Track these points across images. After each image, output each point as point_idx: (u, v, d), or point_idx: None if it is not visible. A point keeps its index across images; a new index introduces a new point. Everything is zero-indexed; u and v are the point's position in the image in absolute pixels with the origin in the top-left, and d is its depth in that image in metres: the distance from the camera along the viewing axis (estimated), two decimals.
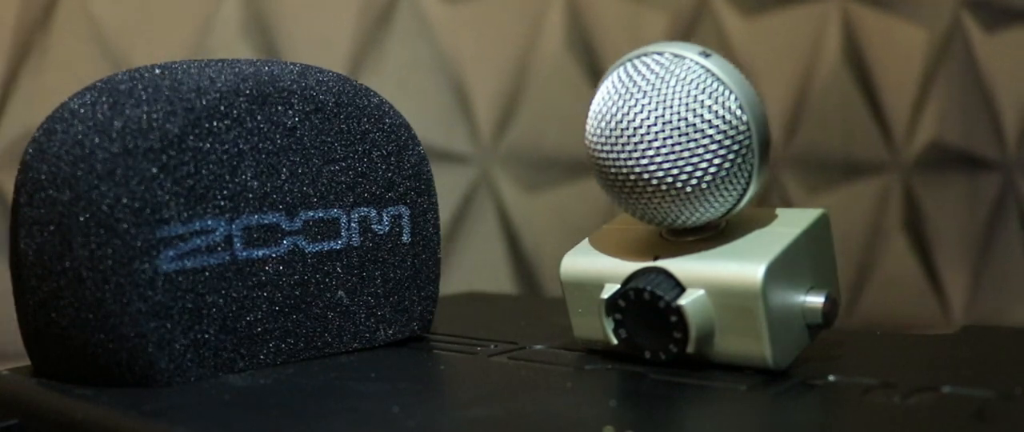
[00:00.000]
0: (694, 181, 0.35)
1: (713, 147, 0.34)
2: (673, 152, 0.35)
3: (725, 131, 0.35)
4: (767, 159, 0.36)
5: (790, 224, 0.37)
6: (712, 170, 0.35)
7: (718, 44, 0.82)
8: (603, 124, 0.36)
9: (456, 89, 0.70)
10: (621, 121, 0.36)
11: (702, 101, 0.35)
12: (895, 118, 0.93)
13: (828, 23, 0.89)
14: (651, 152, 0.35)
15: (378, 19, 0.68)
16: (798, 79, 0.88)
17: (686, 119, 0.34)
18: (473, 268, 0.73)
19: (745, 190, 0.36)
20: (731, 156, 0.35)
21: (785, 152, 0.87)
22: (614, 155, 0.36)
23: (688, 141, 0.34)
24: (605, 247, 0.40)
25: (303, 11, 0.68)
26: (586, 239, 0.42)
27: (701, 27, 0.82)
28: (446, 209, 0.68)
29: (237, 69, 0.39)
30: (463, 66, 0.70)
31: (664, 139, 0.35)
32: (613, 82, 0.37)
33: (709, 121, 0.34)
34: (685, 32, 0.80)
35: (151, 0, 0.68)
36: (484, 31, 0.71)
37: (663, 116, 0.35)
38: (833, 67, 0.90)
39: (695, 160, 0.34)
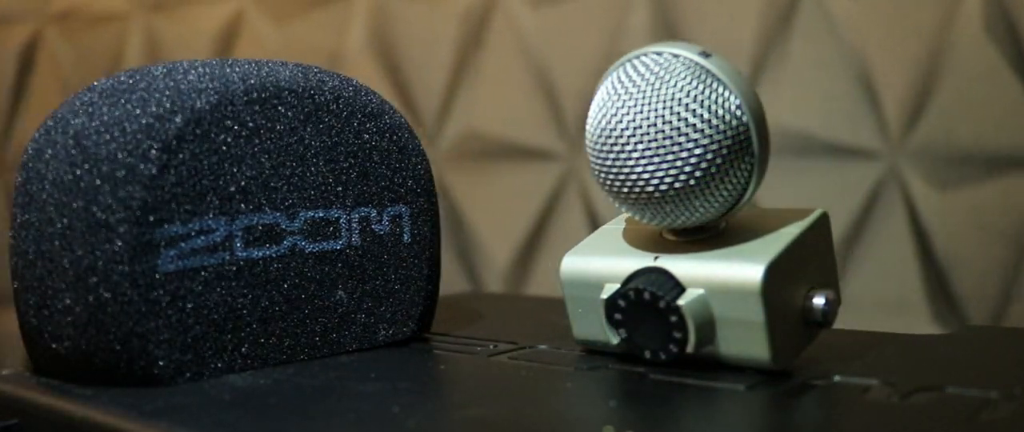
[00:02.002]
0: (692, 181, 0.35)
1: (710, 145, 0.34)
2: (668, 152, 0.34)
3: (722, 129, 0.35)
4: (767, 158, 0.36)
5: (790, 224, 0.37)
6: (711, 170, 0.35)
7: None
8: (599, 128, 0.36)
9: (862, 83, 0.66)
10: (616, 126, 0.35)
11: (700, 100, 0.34)
12: None
13: None
14: (648, 152, 0.35)
15: (781, 18, 0.67)
16: None
17: (680, 118, 0.34)
18: (878, 270, 0.67)
19: (744, 189, 0.36)
20: (727, 153, 0.35)
21: None
22: (610, 159, 0.36)
23: (683, 140, 0.34)
24: (605, 247, 0.40)
25: (708, 13, 0.68)
26: (586, 239, 0.42)
27: None
28: (850, 207, 0.65)
29: (238, 69, 0.39)
30: (870, 59, 0.66)
31: (662, 139, 0.34)
32: (612, 83, 0.37)
33: (707, 120, 0.34)
34: None
35: (569, 12, 0.72)
36: (893, 22, 0.67)
37: (653, 117, 0.35)
38: None
39: (692, 159, 0.34)
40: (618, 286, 0.37)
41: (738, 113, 0.35)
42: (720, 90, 0.35)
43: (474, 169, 0.76)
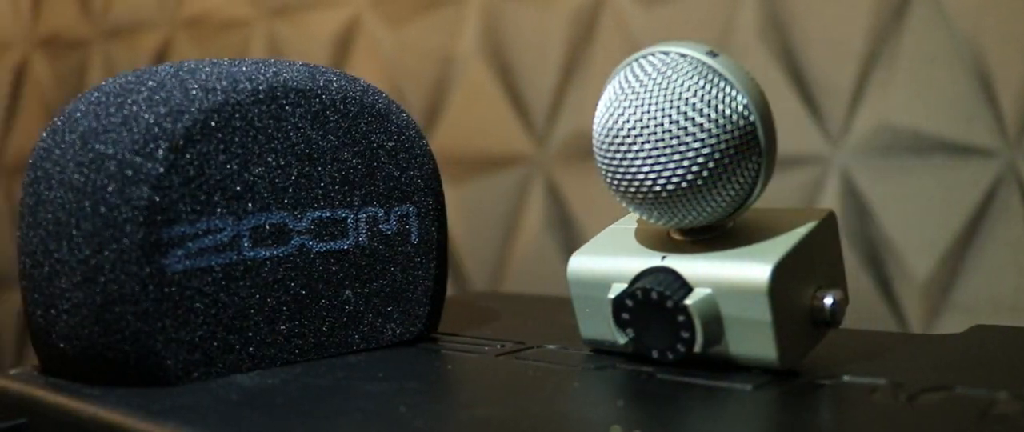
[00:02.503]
0: (699, 180, 0.34)
1: (717, 144, 0.34)
2: (674, 151, 0.34)
3: (729, 129, 0.34)
4: (774, 157, 0.36)
5: (798, 224, 0.37)
6: (718, 169, 0.34)
7: None
8: (605, 128, 0.36)
9: (978, 78, 0.63)
10: (623, 125, 0.35)
11: (707, 100, 0.34)
12: None
13: None
14: (655, 152, 0.35)
15: (893, 12, 0.65)
16: None
17: (687, 117, 0.34)
18: (993, 271, 0.64)
19: (751, 189, 0.36)
20: (734, 153, 0.35)
21: None
22: (617, 159, 0.36)
23: (690, 140, 0.34)
24: (613, 246, 0.40)
25: (817, 9, 0.67)
26: (594, 239, 0.42)
27: None
28: (965, 207, 0.63)
29: (245, 69, 0.39)
30: (986, 53, 0.63)
31: (669, 139, 0.34)
32: (619, 82, 0.37)
33: (714, 120, 0.34)
34: None
35: (677, 10, 0.71)
36: (1010, 13, 0.63)
37: (660, 117, 0.35)
38: None
39: (699, 158, 0.34)
40: (625, 286, 0.37)
41: (745, 112, 0.35)
42: (727, 89, 0.35)
43: (584, 169, 0.77)
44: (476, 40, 0.82)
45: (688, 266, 0.36)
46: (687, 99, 0.34)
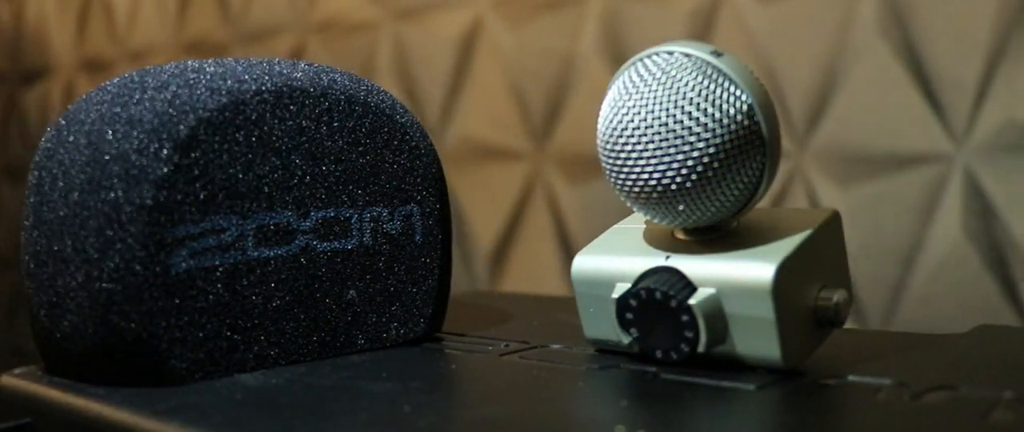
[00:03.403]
0: (703, 180, 0.34)
1: (721, 143, 0.34)
2: (678, 150, 0.34)
3: (732, 128, 0.34)
4: (779, 157, 0.36)
5: (802, 223, 0.37)
6: (722, 168, 0.34)
7: None
8: (610, 128, 0.36)
9: None
10: (628, 125, 0.35)
11: (711, 99, 0.34)
12: None
13: None
14: (659, 151, 0.35)
15: (1021, 3, 0.62)
16: None
17: (692, 117, 0.34)
18: None
19: (755, 188, 0.36)
20: (737, 152, 0.34)
21: None
22: (621, 158, 0.36)
23: (694, 139, 0.34)
24: (617, 246, 0.40)
25: (940, 2, 0.65)
26: (598, 238, 0.42)
27: None
28: None
29: (250, 69, 0.39)
30: None
31: (673, 138, 0.34)
32: (623, 82, 0.37)
33: (718, 119, 0.34)
34: None
35: (794, 6, 0.70)
36: None
37: (664, 116, 0.35)
38: None
39: (705, 158, 0.34)
40: (629, 285, 0.37)
41: (748, 111, 0.35)
42: (731, 88, 0.35)
43: None
44: (596, 40, 0.81)
45: (692, 266, 0.36)
46: (690, 98, 0.34)
